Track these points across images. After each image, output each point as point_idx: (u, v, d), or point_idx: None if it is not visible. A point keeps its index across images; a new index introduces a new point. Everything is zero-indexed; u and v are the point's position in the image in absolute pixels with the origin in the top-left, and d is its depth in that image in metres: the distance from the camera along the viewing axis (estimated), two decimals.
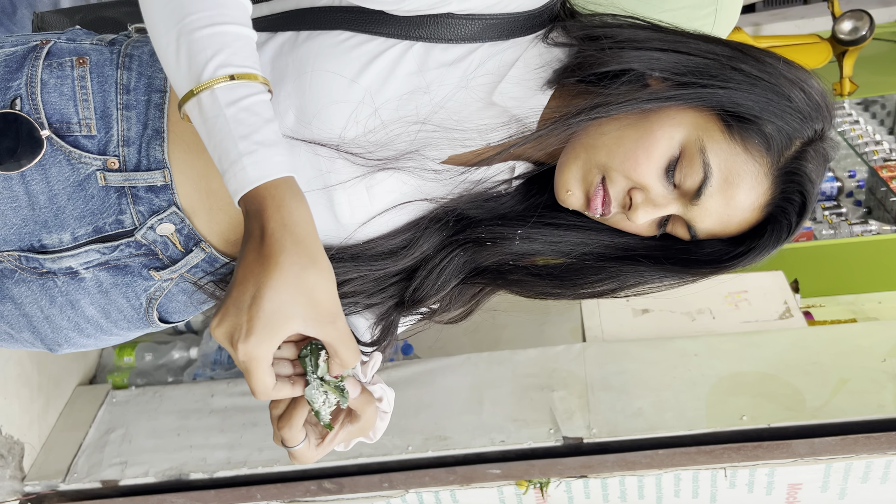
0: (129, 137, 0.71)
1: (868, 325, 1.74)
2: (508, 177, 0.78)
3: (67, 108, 0.70)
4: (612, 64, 0.71)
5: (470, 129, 0.71)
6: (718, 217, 0.71)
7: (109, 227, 0.72)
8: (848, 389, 1.51)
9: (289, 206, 0.59)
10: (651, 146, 0.69)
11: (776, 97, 0.69)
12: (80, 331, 0.79)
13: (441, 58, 0.70)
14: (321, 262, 0.59)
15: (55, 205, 0.71)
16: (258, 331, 0.56)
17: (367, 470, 1.58)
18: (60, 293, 0.76)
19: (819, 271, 2.10)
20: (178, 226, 0.73)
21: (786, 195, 0.71)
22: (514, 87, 0.72)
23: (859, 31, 2.48)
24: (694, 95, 0.69)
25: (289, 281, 0.57)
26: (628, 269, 0.76)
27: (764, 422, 1.48)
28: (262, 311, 0.56)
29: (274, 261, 0.57)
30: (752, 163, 0.69)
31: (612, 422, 1.54)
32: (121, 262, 0.75)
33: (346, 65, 0.68)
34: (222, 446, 1.66)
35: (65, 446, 1.74)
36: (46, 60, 0.71)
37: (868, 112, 2.93)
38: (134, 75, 0.72)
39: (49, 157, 0.70)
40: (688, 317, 1.79)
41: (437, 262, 0.78)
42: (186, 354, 2.04)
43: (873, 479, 1.51)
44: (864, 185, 2.51)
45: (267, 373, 0.58)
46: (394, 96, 0.69)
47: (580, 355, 1.69)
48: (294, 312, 0.57)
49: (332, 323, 0.59)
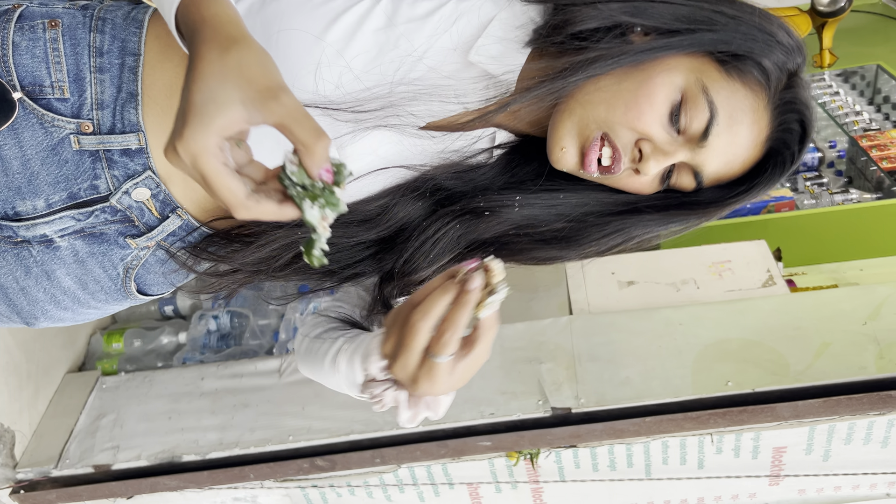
0: (102, 101, 0.70)
1: (849, 289, 1.76)
2: (489, 146, 0.78)
3: (40, 71, 0.70)
4: (598, 19, 0.70)
5: (446, 87, 0.70)
6: (725, 157, 0.71)
7: (84, 192, 0.72)
8: (830, 353, 1.54)
9: (207, 5, 0.56)
10: (652, 93, 0.69)
11: (761, 33, 0.70)
12: (57, 303, 0.79)
13: (409, 12, 0.70)
14: (244, 42, 0.55)
15: (28, 170, 0.71)
16: (191, 122, 0.52)
17: (359, 446, 1.59)
18: (36, 263, 0.75)
19: (801, 240, 2.12)
20: (153, 191, 0.73)
21: (785, 126, 0.73)
22: (492, 45, 0.71)
23: (838, 3, 2.49)
24: (686, 42, 0.69)
25: (212, 68, 0.53)
26: (632, 220, 0.76)
27: (749, 387, 1.51)
28: (193, 105, 0.52)
29: (196, 56, 0.54)
30: (752, 97, 0.70)
31: (599, 391, 1.56)
32: (96, 230, 0.74)
33: (312, 22, 0.68)
34: (214, 428, 1.67)
35: (56, 433, 1.74)
36: (18, 23, 0.71)
37: (848, 83, 2.95)
38: (107, 38, 0.71)
39: (21, 121, 0.70)
40: (672, 287, 1.80)
41: (431, 234, 0.76)
42: (175, 339, 2.04)
43: (856, 440, 1.54)
44: (844, 155, 2.53)
45: (224, 172, 0.52)
46: (362, 51, 0.68)
47: (567, 328, 1.70)
48: (226, 97, 0.52)
49: (274, 98, 0.53)
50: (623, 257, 1.93)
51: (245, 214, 0.54)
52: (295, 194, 0.54)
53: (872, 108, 2.78)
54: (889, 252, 2.15)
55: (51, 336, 1.92)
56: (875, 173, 2.33)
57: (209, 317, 2.04)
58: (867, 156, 2.38)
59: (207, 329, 2.01)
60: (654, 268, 1.86)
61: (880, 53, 2.94)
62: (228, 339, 2.02)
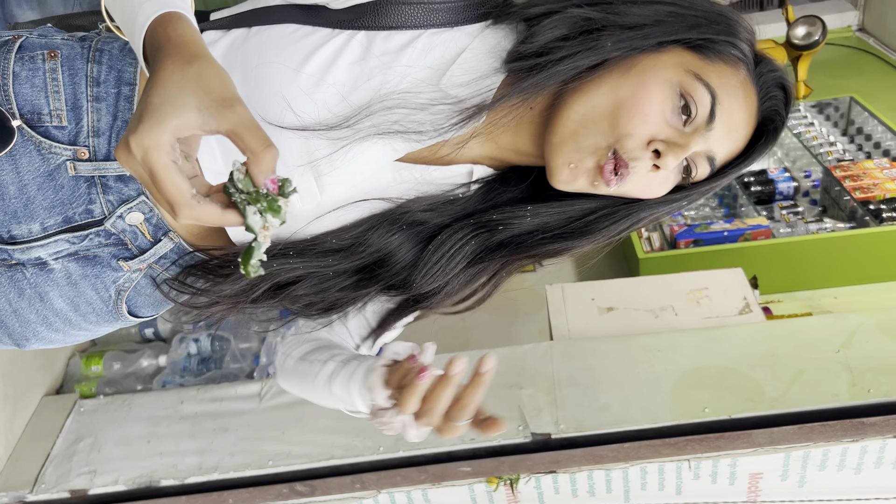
0: (99, 128, 0.72)
1: (822, 318, 1.79)
2: (466, 181, 0.79)
3: (39, 100, 0.72)
4: (565, 25, 0.72)
5: (421, 117, 0.71)
6: (731, 136, 0.74)
7: (79, 216, 0.74)
8: (804, 380, 1.57)
9: (175, 24, 0.60)
10: (651, 94, 0.70)
11: (722, 17, 0.74)
12: (49, 325, 0.80)
13: (384, 46, 0.71)
14: (205, 58, 0.58)
15: (25, 195, 0.72)
16: (146, 120, 0.54)
17: (339, 471, 1.59)
18: (29, 285, 0.76)
19: (777, 268, 2.16)
20: (146, 215, 0.75)
21: (770, 94, 0.77)
22: (463, 73, 0.72)
23: (812, 37, 2.57)
24: (658, 32, 0.72)
25: (172, 77, 0.55)
26: (639, 205, 0.77)
27: (725, 413, 1.53)
28: (150, 106, 0.54)
29: (158, 66, 0.57)
30: (738, 74, 0.74)
31: (579, 417, 1.57)
32: (90, 253, 0.76)
33: (290, 55, 0.70)
34: (193, 452, 1.66)
35: (32, 457, 1.72)
36: (18, 54, 0.73)
37: (822, 114, 3.02)
38: (104, 68, 0.73)
39: (20, 148, 0.71)
40: (651, 314, 1.83)
41: (447, 249, 0.78)
42: (155, 362, 2.03)
43: (830, 466, 1.56)
44: (819, 184, 2.59)
45: (172, 168, 0.54)
46: (338, 83, 0.70)
47: (547, 353, 1.72)
48: (184, 101, 0.55)
49: (229, 107, 0.55)
50: (603, 283, 1.96)
51: (188, 213, 0.55)
52: (238, 200, 0.56)
53: (846, 138, 2.85)
54: (861, 280, 2.20)
55: (29, 358, 1.90)
56: (848, 203, 2.39)
57: (190, 340, 2.03)
58: (841, 186, 2.44)
59: (188, 352, 2.01)
60: (633, 294, 1.89)
61: (854, 86, 3.02)
62: (209, 363, 2.01)
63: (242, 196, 0.56)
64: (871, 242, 2.17)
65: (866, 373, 1.55)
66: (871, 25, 3.52)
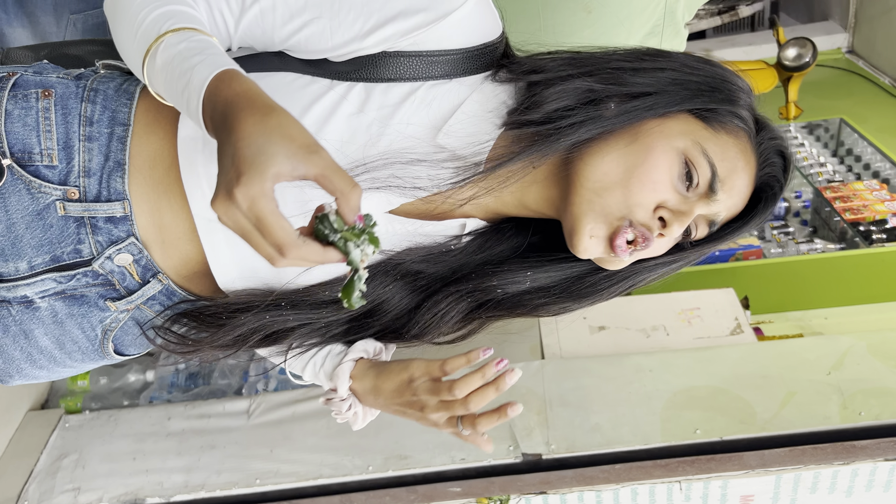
0: (90, 168, 0.72)
1: (814, 339, 1.79)
2: (459, 233, 0.80)
3: (30, 139, 0.71)
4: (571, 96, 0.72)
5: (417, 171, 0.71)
6: (732, 202, 0.75)
7: (67, 256, 0.73)
8: (795, 402, 1.56)
9: (238, 80, 0.60)
10: (659, 163, 0.71)
11: (724, 83, 0.75)
12: (33, 362, 0.79)
13: (382, 99, 0.72)
14: (279, 109, 0.59)
15: (13, 233, 0.71)
16: (246, 172, 0.55)
17: (327, 491, 1.57)
18: (14, 322, 0.75)
19: (768, 288, 2.16)
20: (135, 256, 0.74)
21: (768, 161, 0.78)
22: (462, 126, 0.73)
23: (803, 58, 2.59)
24: (662, 102, 0.72)
25: (256, 128, 0.57)
26: (640, 266, 0.79)
27: (716, 435, 1.52)
28: (244, 158, 0.55)
29: (235, 120, 0.57)
30: (739, 144, 0.75)
31: (570, 438, 1.56)
32: (77, 292, 0.75)
33: (289, 106, 0.69)
34: (179, 469, 1.64)
35: (15, 473, 1.69)
36: (12, 91, 0.72)
37: (812, 135, 3.04)
38: (98, 108, 0.73)
39: (9, 186, 0.71)
40: (643, 333, 1.82)
41: (443, 308, 0.79)
42: (142, 377, 2.01)
43: (821, 489, 1.56)
44: (809, 205, 2.60)
45: (279, 213, 0.56)
46: (336, 135, 0.70)
47: (539, 372, 1.71)
48: (273, 150, 0.56)
49: (315, 153, 0.57)
50: None
51: (295, 253, 0.57)
52: (336, 239, 0.59)
53: (836, 160, 2.87)
54: (852, 301, 2.20)
55: None
56: (839, 224, 2.40)
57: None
58: (831, 206, 2.45)
59: (176, 367, 1.99)
60: (625, 313, 1.88)
61: (844, 107, 3.05)
62: (197, 378, 1.99)
63: (337, 235, 0.59)
64: (861, 264, 2.18)
65: (857, 395, 1.55)
66: (861, 48, 3.55)
